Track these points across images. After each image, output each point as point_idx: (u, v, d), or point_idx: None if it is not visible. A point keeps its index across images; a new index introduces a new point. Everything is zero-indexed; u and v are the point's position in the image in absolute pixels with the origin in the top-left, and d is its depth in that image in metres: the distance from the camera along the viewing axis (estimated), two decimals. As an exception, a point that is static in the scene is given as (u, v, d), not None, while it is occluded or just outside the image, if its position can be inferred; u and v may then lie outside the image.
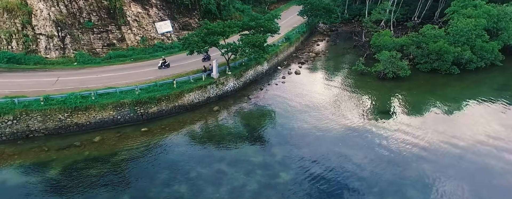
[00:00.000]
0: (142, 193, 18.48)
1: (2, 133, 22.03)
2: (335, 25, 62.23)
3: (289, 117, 27.58)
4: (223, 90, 30.86)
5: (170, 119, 26.63)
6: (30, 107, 22.58)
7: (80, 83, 27.16)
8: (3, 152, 20.88)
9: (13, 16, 31.44)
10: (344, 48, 49.72)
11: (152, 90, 26.64)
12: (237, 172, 20.36)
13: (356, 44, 49.97)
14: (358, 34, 56.24)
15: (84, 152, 21.66)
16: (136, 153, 22.02)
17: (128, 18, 37.74)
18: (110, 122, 24.92)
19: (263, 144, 23.63)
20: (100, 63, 33.82)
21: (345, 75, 37.70)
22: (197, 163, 21.19)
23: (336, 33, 59.47)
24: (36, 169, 19.90)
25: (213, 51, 33.64)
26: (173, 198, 18.15)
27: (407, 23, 57.51)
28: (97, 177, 19.53)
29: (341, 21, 63.56)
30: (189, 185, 19.10)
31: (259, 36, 30.16)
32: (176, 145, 23.31)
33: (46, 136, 23.00)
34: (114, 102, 24.82)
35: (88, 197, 17.93)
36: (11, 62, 30.70)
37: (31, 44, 32.03)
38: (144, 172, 20.15)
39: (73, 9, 34.69)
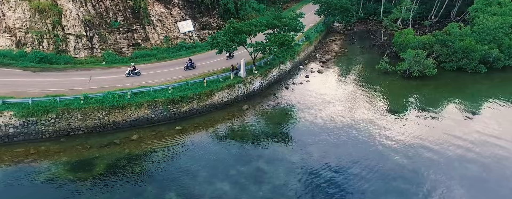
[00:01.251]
0: (187, 190, 18.99)
1: (45, 130, 22.81)
2: (350, 24, 62.43)
3: (319, 117, 27.93)
4: (251, 89, 31.42)
5: (201, 117, 27.20)
6: (71, 105, 23.31)
7: (112, 83, 27.82)
8: (49, 149, 21.64)
9: (44, 17, 32.28)
10: (363, 47, 50.03)
11: (184, 89, 27.29)
12: (277, 170, 20.82)
13: (374, 43, 50.10)
14: (375, 33, 56.54)
15: (124, 150, 22.32)
16: (174, 151, 22.62)
17: (152, 18, 38.44)
18: (145, 120, 25.57)
19: (298, 143, 24.07)
20: (127, 62, 34.44)
21: (369, 74, 37.91)
22: (235, 161, 21.72)
23: (352, 32, 59.70)
24: (82, 165, 20.55)
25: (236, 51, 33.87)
26: (217, 195, 18.65)
27: (423, 22, 57.71)
28: (141, 174, 20.10)
29: (356, 20, 63.86)
30: (231, 183, 19.59)
31: (287, 35, 30.82)
32: (211, 143, 23.89)
33: (85, 134, 23.70)
34: (149, 100, 25.48)
35: (135, 194, 18.51)
36: (43, 61, 31.55)
37: (61, 44, 32.84)
38: (185, 169, 20.73)
39: (100, 9, 35.45)
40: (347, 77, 37.32)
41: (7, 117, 21.82)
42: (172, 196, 18.42)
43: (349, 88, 34.04)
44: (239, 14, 50.02)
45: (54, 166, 20.34)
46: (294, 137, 24.97)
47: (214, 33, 46.37)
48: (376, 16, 65.45)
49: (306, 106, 29.79)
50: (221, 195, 18.66)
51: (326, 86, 34.57)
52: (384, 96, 32.17)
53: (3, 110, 21.73)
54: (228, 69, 31.43)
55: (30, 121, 22.35)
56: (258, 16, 53.48)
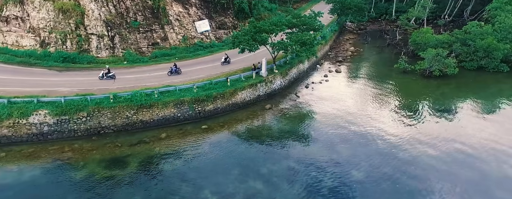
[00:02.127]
0: (221, 188, 19.45)
1: (77, 129, 23.43)
2: (363, 24, 62.76)
3: (343, 116, 28.29)
4: (272, 89, 31.85)
5: (225, 116, 27.68)
6: (101, 104, 23.89)
7: (137, 82, 28.40)
8: (82, 147, 22.26)
9: (67, 17, 32.88)
10: (378, 47, 50.31)
11: (208, 88, 27.77)
12: (308, 168, 21.22)
13: (389, 43, 50.28)
14: (389, 32, 56.72)
15: (154, 148, 22.86)
16: (203, 149, 23.11)
17: (170, 18, 38.95)
18: (171, 119, 26.12)
19: (325, 142, 24.45)
20: (147, 62, 35.14)
21: (388, 73, 38.23)
22: (264, 159, 22.17)
23: (365, 31, 59.94)
24: (115, 163, 21.10)
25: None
26: (252, 194, 19.05)
27: (437, 21, 57.80)
28: (174, 173, 20.63)
29: (368, 20, 64.16)
30: (263, 181, 20.02)
31: (309, 34, 31.21)
32: (238, 142, 24.41)
33: (115, 132, 24.30)
34: (175, 99, 26.03)
35: (171, 192, 19.01)
36: (66, 61, 32.16)
37: (83, 43, 33.43)
38: (216, 168, 21.21)
39: (121, 9, 35.99)
40: (366, 77, 37.66)
41: (42, 115, 22.49)
42: (207, 194, 18.89)
43: (370, 88, 34.37)
44: (253, 14, 50.77)
45: (90, 163, 20.91)
46: (320, 136, 25.35)
47: (230, 32, 47.15)
48: (388, 16, 65.82)
49: (328, 105, 30.20)
50: (255, 193, 19.08)
51: (346, 86, 35.01)
52: (407, 96, 32.39)
53: (38, 109, 22.40)
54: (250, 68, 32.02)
55: (63, 119, 22.98)
56: (271, 15, 54.14)
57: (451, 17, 59.91)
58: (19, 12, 33.00)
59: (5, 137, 21.96)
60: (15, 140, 22.14)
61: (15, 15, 32.97)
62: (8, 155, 20.74)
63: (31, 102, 22.58)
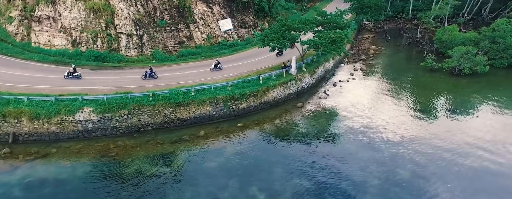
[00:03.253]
0: (267, 185, 20.05)
1: (119, 126, 24.20)
2: (380, 23, 63.09)
3: (377, 115, 28.75)
4: (301, 87, 32.47)
5: (258, 114, 28.32)
6: (141, 102, 24.64)
7: (170, 80, 29.13)
8: (125, 144, 22.99)
9: (98, 17, 33.70)
10: (399, 45, 50.82)
11: (241, 86, 28.44)
12: (351, 167, 21.72)
13: (410, 41, 50.74)
14: (408, 31, 57.12)
15: (195, 146, 23.63)
16: (243, 147, 23.77)
17: (195, 17, 39.69)
18: (206, 117, 26.79)
19: (363, 139, 25.03)
20: (175, 60, 35.97)
21: (414, 71, 38.72)
22: (305, 157, 22.75)
23: (383, 30, 60.36)
24: (160, 160, 21.87)
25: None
26: (300, 191, 19.55)
27: (457, 19, 57.93)
28: (218, 169, 21.26)
29: (384, 19, 64.55)
30: (308, 179, 20.57)
31: (339, 32, 31.72)
32: (276, 139, 25.01)
33: (154, 130, 25.02)
34: (211, 97, 26.69)
35: (219, 188, 19.63)
36: (97, 60, 32.99)
37: (113, 43, 34.24)
38: (259, 165, 21.91)
39: (148, 9, 36.77)
40: (392, 75, 38.14)
41: (86, 113, 23.27)
42: (255, 191, 19.52)
43: (398, 86, 34.84)
44: (272, 13, 51.45)
45: (136, 160, 21.65)
46: (356, 134, 25.91)
47: (251, 31, 48.01)
48: (404, 14, 66.14)
49: (359, 104, 30.71)
50: (303, 191, 19.59)
51: (373, 84, 35.42)
52: (438, 94, 32.70)
53: (83, 106, 23.22)
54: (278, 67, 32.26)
55: (106, 117, 23.77)
56: (288, 14, 54.93)
57: (470, 15, 60.33)
58: (51, 12, 33.94)
59: (53, 133, 22.84)
60: (62, 137, 22.97)
61: (47, 15, 33.92)
62: (58, 151, 21.57)
63: (76, 99, 23.41)
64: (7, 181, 18.69)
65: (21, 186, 18.51)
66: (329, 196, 19.40)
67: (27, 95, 22.84)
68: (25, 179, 19.03)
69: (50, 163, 20.70)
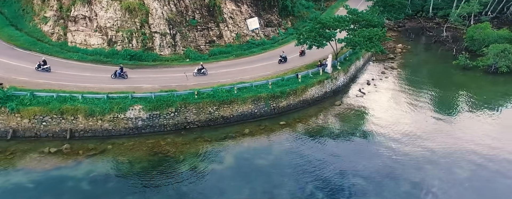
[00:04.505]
0: (323, 183, 20.56)
1: (167, 124, 25.10)
2: (400, 21, 63.42)
3: (417, 113, 29.26)
4: (336, 85, 33.21)
5: (298, 113, 29.11)
6: (187, 100, 25.52)
7: (209, 78, 29.85)
8: (175, 141, 23.87)
9: (133, 16, 34.59)
10: (424, 44, 51.34)
11: (281, 84, 29.23)
12: (405, 166, 22.23)
13: (436, 40, 51.06)
14: (431, 29, 57.07)
15: (242, 143, 24.44)
16: (289, 145, 24.57)
17: (225, 16, 40.51)
18: (248, 115, 27.64)
19: (412, 137, 25.47)
20: (208, 59, 36.69)
21: (446, 69, 39.18)
22: (356, 156, 23.36)
23: (405, 29, 60.79)
24: (211, 157, 22.63)
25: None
26: (358, 190, 20.08)
27: (481, 17, 58.13)
28: (270, 167, 22.03)
29: (404, 17, 64.98)
30: (363, 178, 21.11)
31: (376, 30, 32.14)
32: (321, 138, 25.69)
33: (199, 128, 25.86)
34: (253, 95, 27.54)
35: (276, 186, 20.25)
36: (133, 59, 33.84)
37: (148, 42, 35.13)
38: (310, 163, 22.50)
39: (181, 8, 37.63)
40: (425, 73, 38.71)
41: (136, 110, 24.21)
42: (311, 189, 20.18)
43: (433, 84, 35.39)
44: (294, 12, 52.16)
45: (188, 157, 22.46)
46: (403, 132, 26.35)
47: (276, 30, 48.74)
48: (424, 13, 66.54)
49: (397, 102, 31.37)
50: (360, 189, 20.16)
51: (408, 82, 35.88)
52: (476, 93, 33.07)
53: (133, 104, 24.14)
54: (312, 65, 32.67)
55: (155, 114, 24.66)
56: (309, 13, 55.62)
57: (494, 14, 60.52)
58: (87, 12, 34.86)
59: (106, 130, 23.80)
60: (114, 133, 23.95)
61: (83, 15, 34.85)
62: (114, 147, 22.51)
63: (126, 97, 24.34)
64: (74, 175, 19.71)
65: (87, 180, 19.50)
66: (390, 195, 19.63)
67: (81, 93, 23.85)
68: (90, 173, 20.00)
69: (108, 159, 21.64)
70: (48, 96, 23.02)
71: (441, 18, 61.46)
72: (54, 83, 25.42)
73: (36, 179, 19.01)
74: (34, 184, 18.74)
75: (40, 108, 22.40)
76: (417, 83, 35.80)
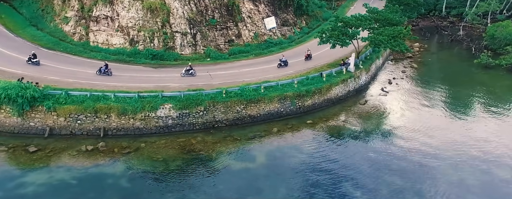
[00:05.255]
0: (360, 182, 20.75)
1: (196, 122, 25.49)
2: (413, 20, 63.58)
3: (446, 112, 29.38)
4: (359, 84, 33.57)
5: (323, 111, 29.44)
6: (215, 99, 25.91)
7: (233, 78, 30.13)
8: (205, 140, 24.19)
9: (155, 16, 35.11)
10: (441, 42, 51.70)
11: (306, 83, 29.61)
12: (441, 165, 22.43)
13: (452, 38, 51.26)
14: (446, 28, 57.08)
15: (272, 142, 24.80)
16: (320, 143, 24.88)
17: (243, 15, 40.95)
18: (275, 114, 28.01)
19: (444, 138, 25.56)
20: (228, 58, 37.07)
21: (467, 68, 39.56)
22: (389, 155, 23.55)
23: (419, 28, 60.95)
24: (244, 156, 22.97)
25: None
26: (396, 189, 20.20)
27: (497, 16, 58.22)
28: (303, 166, 22.29)
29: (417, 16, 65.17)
30: (399, 177, 21.28)
31: (399, 28, 32.51)
32: (351, 137, 26.00)
33: (227, 127, 26.25)
34: (279, 94, 27.90)
35: (312, 185, 20.46)
36: (155, 58, 34.27)
37: (169, 41, 35.66)
38: (343, 162, 22.70)
39: (200, 7, 38.05)
40: (446, 72, 39.00)
41: (167, 109, 24.63)
42: (348, 188, 20.39)
43: (456, 83, 35.62)
44: (308, 11, 52.55)
45: (221, 156, 22.83)
46: (434, 133, 26.41)
47: (292, 29, 49.15)
48: (437, 12, 66.72)
49: (422, 101, 31.56)
50: (398, 189, 20.28)
51: (429, 81, 36.07)
52: (502, 92, 33.21)
53: (163, 103, 24.57)
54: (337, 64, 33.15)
55: (184, 113, 25.10)
56: (322, 12, 56.03)
57: (510, 12, 60.58)
58: (109, 12, 35.34)
59: (138, 129, 24.25)
60: (145, 132, 24.37)
61: (105, 15, 35.36)
62: (147, 146, 22.89)
63: (157, 96, 24.75)
64: (112, 173, 20.13)
65: (126, 178, 19.91)
66: (429, 195, 19.82)
67: (113, 92, 24.31)
68: (127, 171, 20.44)
69: (143, 157, 22.03)
70: (81, 95, 23.51)
71: (454, 17, 61.92)
72: (84, 82, 25.86)
73: (77, 176, 19.55)
74: (76, 181, 19.25)
75: (75, 107, 22.95)
76: (439, 83, 36.02)
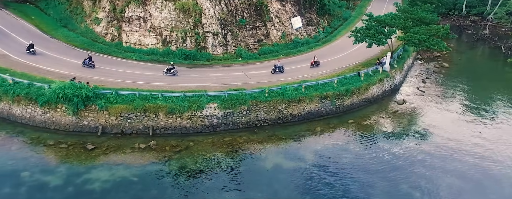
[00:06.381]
0: (416, 183, 20.74)
1: (239, 121, 25.91)
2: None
3: (489, 112, 29.44)
4: (394, 84, 33.89)
5: (362, 111, 29.67)
6: (258, 98, 26.31)
7: (268, 77, 30.48)
8: (251, 139, 24.57)
9: (187, 16, 35.70)
10: (466, 42, 51.80)
11: (345, 83, 29.87)
12: (501, 166, 22.28)
13: (478, 38, 51.29)
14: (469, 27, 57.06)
15: (317, 141, 25.07)
16: (364, 143, 25.11)
17: (271, 15, 41.41)
18: (315, 113, 28.34)
19: (493, 135, 25.75)
20: (259, 58, 37.41)
21: (500, 67, 40.01)
22: (439, 156, 23.46)
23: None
24: (293, 155, 23.26)
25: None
26: (456, 191, 20.26)
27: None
28: (355, 165, 22.46)
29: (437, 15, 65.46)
30: (457, 178, 21.25)
31: (437, 27, 32.71)
32: (397, 136, 26.18)
33: (269, 126, 26.56)
34: (320, 94, 28.21)
35: (369, 185, 20.64)
36: (188, 58, 34.81)
37: (201, 41, 36.19)
38: (393, 161, 22.76)
39: (231, 7, 38.59)
40: (479, 71, 39.26)
41: (212, 108, 25.05)
42: (406, 189, 20.43)
43: (492, 82, 35.77)
44: (330, 10, 52.98)
45: (270, 155, 23.08)
46: (484, 131, 26.48)
47: (316, 29, 49.56)
48: (457, 11, 66.81)
49: (463, 101, 31.77)
50: (458, 189, 20.38)
51: (464, 80, 36.12)
52: None
53: (209, 102, 24.99)
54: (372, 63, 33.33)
55: (228, 112, 25.50)
56: (341, 12, 56.46)
57: (533, 11, 60.74)
58: (141, 13, 35.94)
59: (185, 128, 24.71)
60: (191, 131, 24.83)
61: (138, 16, 35.94)
62: (195, 144, 23.34)
63: (202, 95, 25.19)
64: (169, 170, 20.62)
65: (183, 175, 20.37)
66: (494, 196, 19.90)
67: (160, 92, 24.82)
68: (183, 169, 20.88)
69: (195, 155, 22.45)
70: (130, 94, 24.01)
71: (476, 16, 62.19)
72: (128, 82, 26.37)
73: (137, 173, 19.99)
74: (137, 178, 19.70)
75: (126, 106, 23.47)
76: (476, 82, 36.15)
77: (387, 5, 60.17)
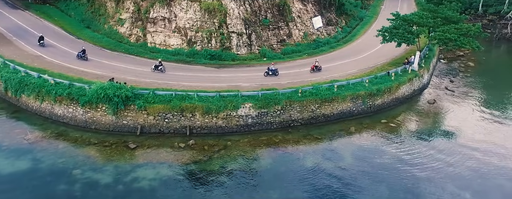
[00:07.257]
0: (465, 183, 20.55)
1: (273, 121, 25.93)
2: (449, 19, 63.87)
3: None
4: (422, 83, 33.80)
5: (393, 111, 29.57)
6: (291, 98, 26.31)
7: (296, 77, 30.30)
8: (286, 139, 24.57)
9: (212, 17, 35.89)
10: (487, 40, 51.23)
11: (376, 82, 29.75)
12: None
13: (499, 37, 50.79)
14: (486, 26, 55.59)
15: (353, 141, 25.03)
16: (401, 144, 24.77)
17: (293, 15, 41.50)
18: (347, 113, 28.28)
19: None
20: (283, 58, 37.48)
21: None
22: (485, 157, 23.05)
23: (459, 26, 61.18)
24: (330, 155, 23.19)
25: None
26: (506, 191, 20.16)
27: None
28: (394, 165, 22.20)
29: (453, 15, 65.35)
30: (508, 180, 21.12)
31: (467, 25, 32.58)
32: (432, 137, 25.80)
33: (303, 126, 26.53)
34: (352, 94, 28.16)
35: (413, 185, 20.34)
36: (213, 58, 34.94)
37: (225, 41, 36.34)
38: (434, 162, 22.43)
39: (255, 8, 38.74)
40: (507, 70, 39.08)
41: (247, 108, 25.14)
42: (453, 189, 20.09)
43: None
44: (347, 10, 53.01)
45: (308, 154, 23.10)
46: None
47: (335, 29, 49.59)
48: (473, 10, 66.53)
49: (495, 100, 31.39)
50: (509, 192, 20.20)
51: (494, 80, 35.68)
52: None
53: (243, 102, 25.07)
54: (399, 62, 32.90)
55: (263, 112, 25.56)
56: (357, 11, 56.45)
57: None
58: (166, 14, 36.25)
59: (220, 127, 24.82)
60: (227, 131, 24.92)
61: (163, 17, 36.28)
62: (232, 144, 23.49)
63: (236, 95, 25.31)
64: (212, 170, 20.76)
65: (226, 175, 20.44)
66: None
67: (196, 92, 24.95)
68: (225, 168, 20.98)
69: (234, 155, 22.53)
70: (167, 94, 24.15)
71: (492, 15, 61.92)
72: (161, 82, 26.62)
73: (181, 172, 20.18)
74: (182, 177, 19.90)
75: (163, 106, 23.64)
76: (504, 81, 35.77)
77: (400, 4, 60.27)
